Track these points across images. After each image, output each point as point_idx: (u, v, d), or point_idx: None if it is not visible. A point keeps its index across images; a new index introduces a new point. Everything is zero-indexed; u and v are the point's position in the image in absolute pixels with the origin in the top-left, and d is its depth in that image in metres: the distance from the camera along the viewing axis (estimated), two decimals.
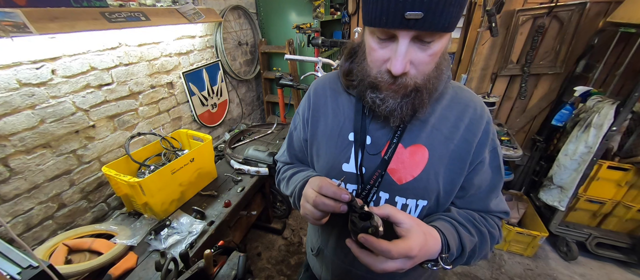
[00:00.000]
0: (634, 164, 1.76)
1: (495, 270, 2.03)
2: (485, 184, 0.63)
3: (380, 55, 0.50)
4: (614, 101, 1.66)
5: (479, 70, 2.28)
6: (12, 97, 1.04)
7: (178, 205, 1.46)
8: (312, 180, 0.58)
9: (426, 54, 0.48)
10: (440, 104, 0.61)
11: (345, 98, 0.66)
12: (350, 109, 0.65)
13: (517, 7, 2.00)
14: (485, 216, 0.64)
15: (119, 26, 1.19)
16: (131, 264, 1.12)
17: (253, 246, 2.18)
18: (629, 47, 1.75)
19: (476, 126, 0.59)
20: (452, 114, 0.60)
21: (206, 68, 1.96)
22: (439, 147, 0.59)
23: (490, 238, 0.61)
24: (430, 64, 0.50)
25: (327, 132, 0.67)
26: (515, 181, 2.49)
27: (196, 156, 1.50)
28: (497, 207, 0.65)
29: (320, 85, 0.71)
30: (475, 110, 0.60)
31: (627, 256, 1.97)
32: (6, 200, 1.08)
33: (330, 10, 2.63)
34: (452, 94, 0.62)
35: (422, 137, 0.59)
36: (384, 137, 0.61)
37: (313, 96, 0.71)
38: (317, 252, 0.82)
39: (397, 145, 0.59)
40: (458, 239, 0.56)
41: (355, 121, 0.63)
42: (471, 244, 0.57)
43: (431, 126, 0.60)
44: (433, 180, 0.59)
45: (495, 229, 0.63)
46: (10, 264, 0.64)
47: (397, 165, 0.60)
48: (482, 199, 0.63)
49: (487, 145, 0.61)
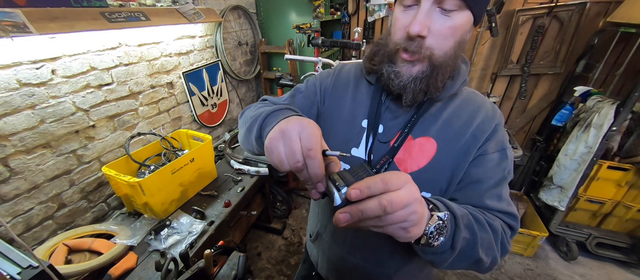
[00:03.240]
0: (634, 164, 1.76)
1: (495, 270, 2.03)
2: (485, 178, 0.58)
3: (403, 22, 0.51)
4: (614, 101, 1.66)
5: (479, 70, 2.28)
6: (12, 97, 1.04)
7: (178, 205, 1.46)
8: (307, 125, 0.42)
9: (446, 25, 0.49)
10: (454, 102, 0.62)
11: (364, 85, 0.68)
12: (367, 97, 0.66)
13: (517, 7, 2.00)
14: (484, 211, 0.56)
15: (119, 26, 1.18)
16: (131, 264, 1.12)
17: (253, 246, 2.18)
18: (629, 47, 1.75)
19: (487, 125, 0.59)
20: (465, 113, 0.60)
21: (206, 68, 1.96)
22: (448, 142, 0.59)
23: (492, 230, 0.52)
24: (448, 39, 0.50)
25: (343, 115, 0.67)
26: (515, 181, 2.49)
27: (196, 156, 1.50)
28: (498, 207, 0.57)
29: (346, 69, 0.73)
30: (488, 112, 0.61)
31: (627, 256, 1.97)
32: (6, 200, 1.08)
33: (330, 10, 2.63)
34: (466, 96, 0.63)
35: (433, 131, 0.60)
36: (395, 127, 0.62)
37: (337, 75, 0.72)
38: (315, 238, 0.83)
39: (407, 136, 0.60)
40: (448, 210, 0.47)
41: (371, 108, 0.64)
42: (465, 220, 0.48)
43: (443, 121, 0.60)
44: (439, 173, 0.59)
45: (496, 222, 0.54)
46: (10, 264, 0.64)
47: (404, 155, 0.61)
48: (480, 194, 0.57)
49: (493, 141, 0.59)
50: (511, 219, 0.57)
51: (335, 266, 0.78)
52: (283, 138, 0.41)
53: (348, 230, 0.71)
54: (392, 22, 0.55)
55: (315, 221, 0.84)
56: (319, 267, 0.85)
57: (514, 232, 0.58)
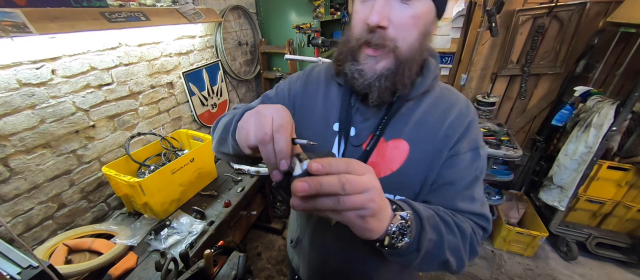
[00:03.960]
0: (634, 164, 1.76)
1: (495, 270, 2.03)
2: (458, 178, 0.57)
3: (362, 15, 0.49)
4: (614, 101, 1.66)
5: (479, 70, 2.28)
6: (12, 97, 1.04)
7: (178, 205, 1.46)
8: (279, 108, 0.43)
9: (407, 13, 0.47)
10: (426, 100, 0.60)
11: (335, 87, 0.66)
12: (338, 99, 0.64)
13: (517, 7, 2.00)
14: (454, 213, 0.55)
15: (119, 26, 1.18)
16: (131, 264, 1.12)
17: (253, 246, 2.18)
18: (629, 47, 1.75)
19: (459, 123, 0.58)
20: (437, 111, 0.59)
21: (206, 68, 1.96)
22: (420, 143, 0.58)
23: (460, 232, 0.51)
24: (411, 29, 0.49)
25: (314, 119, 0.66)
26: (515, 181, 2.49)
27: (196, 156, 1.50)
28: (470, 208, 0.56)
29: (316, 71, 0.71)
30: (461, 109, 0.59)
31: (627, 256, 1.97)
32: (6, 200, 1.08)
33: (330, 10, 2.63)
34: (438, 93, 0.61)
35: (405, 132, 0.59)
36: (367, 130, 0.61)
37: (307, 78, 0.70)
38: (295, 243, 0.82)
39: (379, 138, 0.59)
40: (410, 207, 0.46)
41: (341, 111, 0.62)
42: (432, 221, 0.47)
43: (414, 122, 0.59)
44: (412, 175, 0.59)
45: (465, 224, 0.53)
46: (10, 264, 0.64)
47: (376, 158, 0.59)
48: (453, 196, 0.56)
49: (466, 140, 0.57)
50: (483, 220, 0.57)
51: (316, 271, 0.77)
52: (256, 115, 0.42)
53: (327, 235, 0.70)
54: (353, 17, 0.53)
55: (295, 226, 0.83)
56: (300, 273, 0.84)
57: (486, 232, 0.58)
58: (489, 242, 2.27)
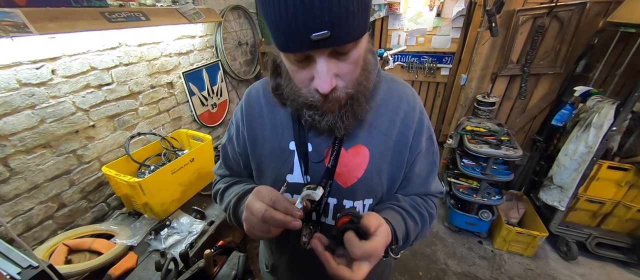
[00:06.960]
0: (634, 164, 1.76)
1: (495, 270, 2.03)
2: (424, 170, 0.66)
3: (304, 76, 0.48)
4: (614, 101, 1.66)
5: (479, 70, 2.28)
6: (12, 97, 1.04)
7: (178, 205, 1.46)
8: (259, 190, 0.51)
9: (348, 63, 0.47)
10: (375, 100, 0.61)
11: (280, 110, 0.63)
12: (287, 118, 0.62)
13: (517, 7, 2.00)
14: (425, 199, 0.69)
15: (119, 26, 1.18)
16: (131, 264, 1.12)
17: (253, 246, 2.17)
18: (629, 47, 1.75)
19: (410, 118, 0.60)
20: (388, 110, 0.60)
21: (206, 68, 1.96)
22: (378, 145, 0.59)
23: (430, 219, 0.67)
24: (355, 71, 0.49)
25: (266, 146, 0.64)
26: (515, 181, 2.49)
27: (196, 156, 1.50)
28: (436, 189, 0.70)
29: (254, 96, 0.67)
30: (408, 103, 0.61)
31: (627, 256, 1.97)
32: (6, 200, 1.08)
33: None
34: (385, 88, 0.62)
35: (362, 137, 0.59)
36: (324, 143, 0.60)
37: (246, 108, 0.67)
38: (271, 269, 0.81)
39: (340, 149, 0.59)
40: (404, 229, 0.58)
41: (294, 130, 0.61)
42: (415, 231, 0.62)
43: (369, 125, 0.60)
44: (376, 178, 0.60)
45: (434, 210, 0.68)
46: (10, 264, 0.64)
47: (340, 169, 0.59)
48: (422, 184, 0.67)
49: (423, 134, 0.63)
50: (440, 194, 0.71)
51: None
52: (249, 224, 0.51)
53: (305, 257, 0.69)
54: (290, 73, 0.51)
55: (268, 252, 0.81)
56: None
57: (442, 196, 0.72)
58: (489, 242, 2.27)
